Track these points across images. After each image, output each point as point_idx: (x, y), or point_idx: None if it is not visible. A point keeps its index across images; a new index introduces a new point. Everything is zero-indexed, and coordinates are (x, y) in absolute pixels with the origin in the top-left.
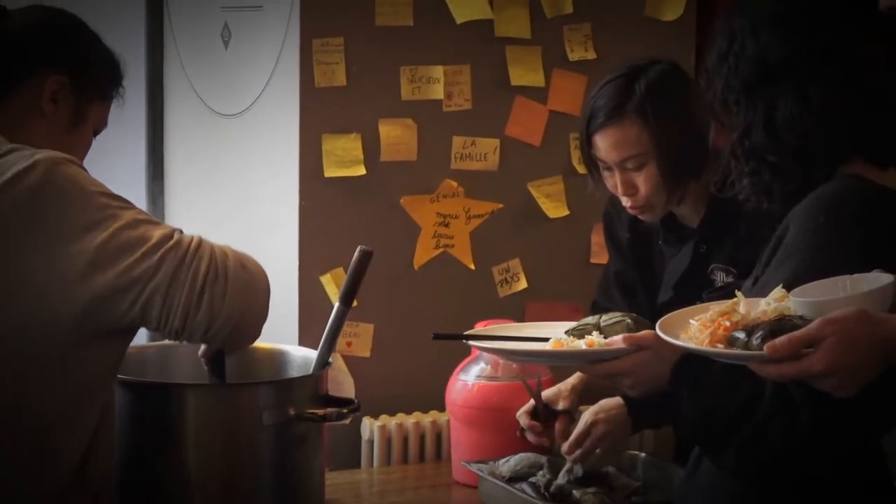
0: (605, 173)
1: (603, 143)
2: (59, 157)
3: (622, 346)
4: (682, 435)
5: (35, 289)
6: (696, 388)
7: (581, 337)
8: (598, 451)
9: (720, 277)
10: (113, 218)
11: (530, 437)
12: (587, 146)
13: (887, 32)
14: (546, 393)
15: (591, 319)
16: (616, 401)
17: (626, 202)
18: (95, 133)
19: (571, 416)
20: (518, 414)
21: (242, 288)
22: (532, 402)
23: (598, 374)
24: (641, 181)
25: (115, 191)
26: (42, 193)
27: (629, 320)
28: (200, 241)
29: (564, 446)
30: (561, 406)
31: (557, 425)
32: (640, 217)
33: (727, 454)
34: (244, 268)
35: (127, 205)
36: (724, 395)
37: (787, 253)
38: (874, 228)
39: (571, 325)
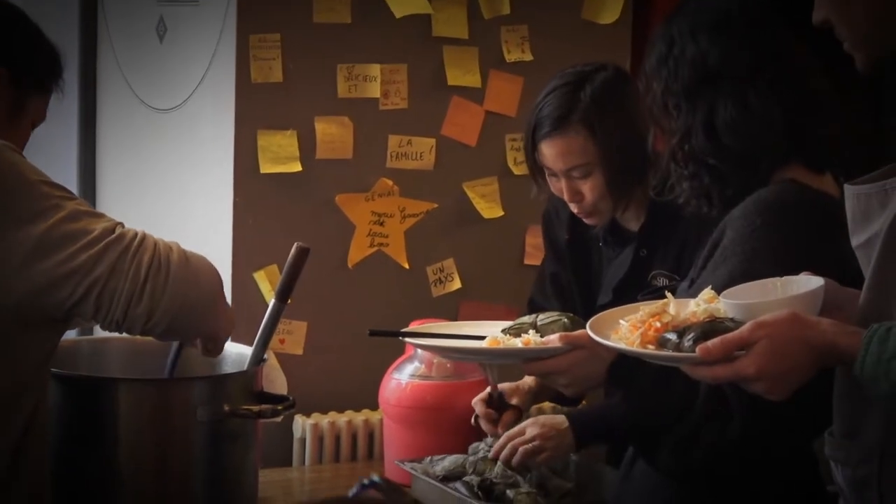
0: (551, 179)
1: (549, 152)
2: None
3: (558, 344)
4: (620, 434)
5: None
6: (632, 388)
7: (517, 335)
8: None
9: (662, 283)
10: (55, 208)
11: (484, 424)
12: (532, 152)
13: (823, 42)
14: (502, 386)
15: (527, 318)
16: (561, 418)
17: (573, 207)
18: (34, 126)
19: (521, 412)
20: (474, 401)
21: (183, 281)
22: (488, 389)
23: (533, 372)
24: (587, 189)
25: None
26: None
27: (566, 319)
28: (144, 235)
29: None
30: (514, 401)
31: (505, 417)
32: (586, 221)
33: (661, 454)
34: (187, 261)
35: (69, 195)
36: (658, 395)
37: (723, 256)
38: (810, 232)
39: (508, 324)
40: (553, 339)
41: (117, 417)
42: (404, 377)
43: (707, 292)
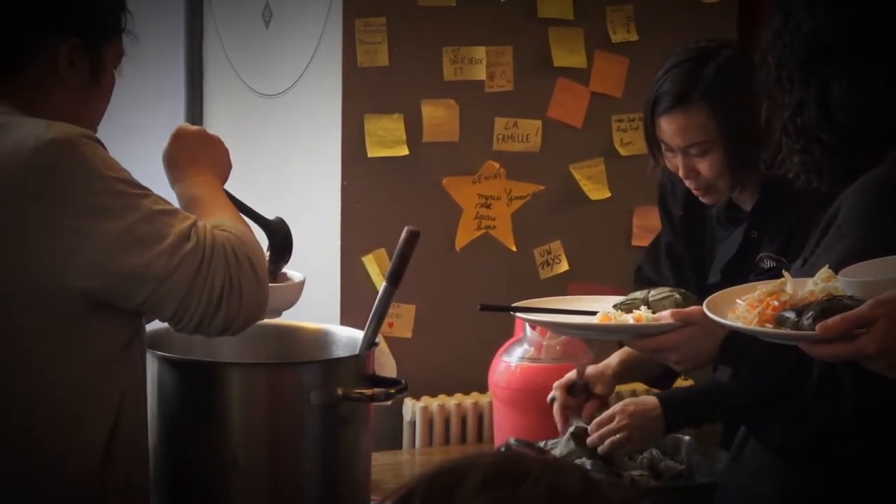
0: (667, 154)
1: (668, 128)
2: (75, 137)
3: (670, 321)
4: (728, 412)
5: (48, 266)
6: (743, 364)
7: (629, 311)
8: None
9: (769, 265)
10: (130, 208)
11: (557, 412)
12: (651, 127)
13: None
14: (587, 370)
15: (639, 294)
16: (652, 401)
17: (689, 184)
18: (115, 67)
19: (604, 401)
20: (555, 384)
21: (256, 297)
22: (571, 376)
23: (644, 348)
24: (705, 167)
25: (155, 174)
26: (58, 175)
27: (678, 295)
28: (214, 244)
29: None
30: (598, 390)
31: (588, 407)
32: (701, 199)
33: (771, 431)
34: (255, 273)
35: (143, 192)
36: (770, 371)
37: (838, 234)
38: None
39: (619, 299)
40: (665, 315)
41: (230, 402)
42: (513, 360)
43: (824, 271)
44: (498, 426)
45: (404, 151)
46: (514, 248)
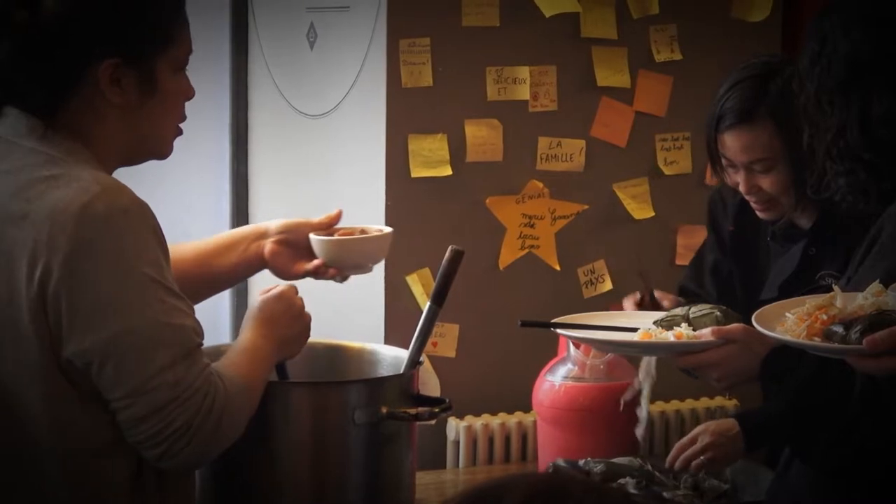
0: (729, 169)
1: (732, 144)
2: (118, 212)
3: (710, 338)
4: (773, 432)
5: (54, 324)
6: (786, 383)
7: (670, 328)
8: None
9: (829, 283)
10: (143, 308)
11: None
12: (713, 142)
13: None
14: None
15: (680, 311)
16: (731, 421)
17: (749, 199)
18: (183, 68)
19: None
20: (624, 299)
21: (202, 449)
22: (639, 295)
23: (686, 365)
24: (768, 183)
25: (199, 193)
26: (89, 251)
27: (718, 313)
28: (199, 390)
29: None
30: (667, 304)
31: (667, 304)
32: (761, 215)
33: (815, 450)
34: (217, 429)
35: (160, 298)
36: (813, 390)
37: (881, 252)
38: None
39: (660, 315)
40: (705, 333)
41: (275, 421)
42: (557, 379)
43: (875, 285)
44: (542, 446)
45: (448, 171)
46: (557, 268)
